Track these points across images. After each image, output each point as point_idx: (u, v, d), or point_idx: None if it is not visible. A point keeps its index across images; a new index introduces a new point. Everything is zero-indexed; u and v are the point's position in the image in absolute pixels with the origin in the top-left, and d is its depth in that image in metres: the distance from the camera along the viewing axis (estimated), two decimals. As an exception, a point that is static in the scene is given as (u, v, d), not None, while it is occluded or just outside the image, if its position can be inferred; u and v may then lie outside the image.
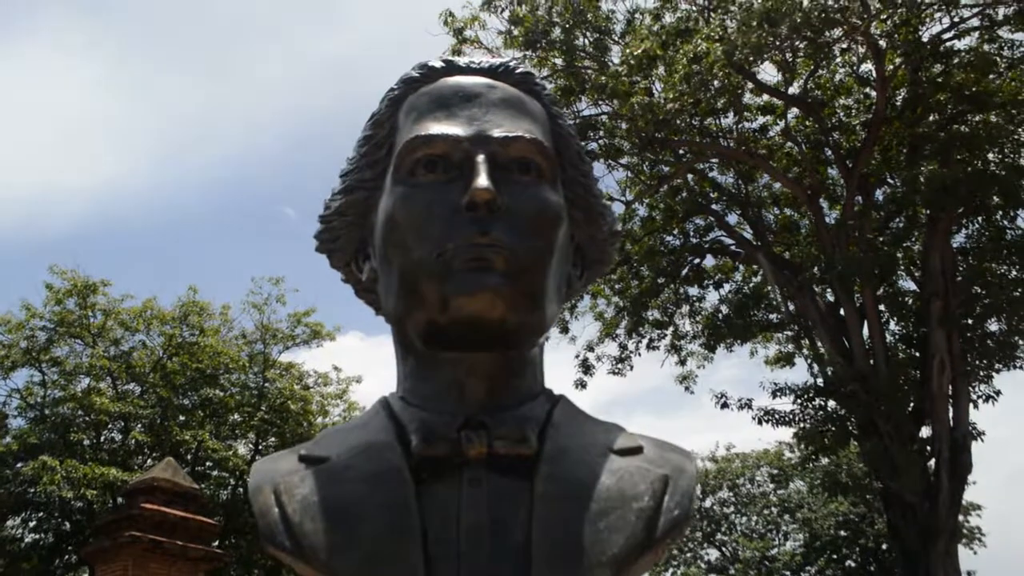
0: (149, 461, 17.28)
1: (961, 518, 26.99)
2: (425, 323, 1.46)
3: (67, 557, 18.51)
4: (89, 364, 18.43)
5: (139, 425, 17.97)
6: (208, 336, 18.82)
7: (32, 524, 18.65)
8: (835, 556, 32.94)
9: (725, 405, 13.28)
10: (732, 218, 14.72)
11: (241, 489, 18.43)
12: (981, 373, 13.29)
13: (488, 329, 1.44)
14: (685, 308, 15.32)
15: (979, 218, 13.26)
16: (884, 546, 31.26)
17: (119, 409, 17.05)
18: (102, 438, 18.33)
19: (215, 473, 18.43)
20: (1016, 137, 12.56)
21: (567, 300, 1.76)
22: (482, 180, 1.42)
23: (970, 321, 13.17)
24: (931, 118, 12.89)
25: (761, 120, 14.45)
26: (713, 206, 14.62)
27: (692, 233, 14.92)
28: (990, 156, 12.68)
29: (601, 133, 13.73)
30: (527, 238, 1.47)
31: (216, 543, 12.66)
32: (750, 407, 13.08)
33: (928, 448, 12.37)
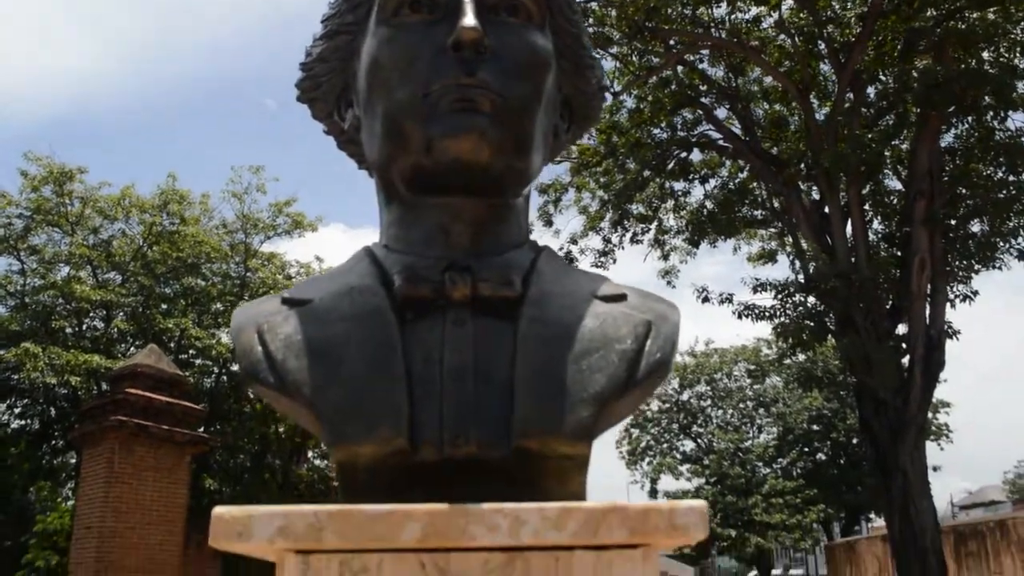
0: (132, 349, 17.35)
1: (931, 415, 27.83)
2: (410, 167, 1.44)
3: (54, 442, 18.78)
4: (68, 252, 18.28)
5: (121, 313, 17.97)
6: (189, 225, 18.65)
7: (17, 411, 18.83)
8: (807, 449, 34.07)
9: (706, 299, 13.38)
10: (721, 112, 14.53)
11: (225, 377, 18.61)
12: (960, 273, 13.43)
13: (473, 172, 1.41)
14: (670, 203, 15.27)
15: (969, 118, 13.11)
16: (854, 440, 32.31)
17: (100, 297, 17.00)
18: (84, 326, 18.34)
19: (198, 361, 18.55)
20: (1012, 36, 12.31)
21: (553, 155, 1.74)
22: (468, 19, 1.38)
23: (953, 221, 13.21)
24: (928, 13, 12.58)
25: (754, 11, 14.05)
26: (702, 99, 14.36)
27: (680, 126, 14.69)
28: (985, 55, 12.45)
29: (591, 21, 13.34)
30: (515, 81, 1.43)
31: (201, 429, 12.83)
32: (731, 302, 13.19)
33: (903, 345, 12.59)
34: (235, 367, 18.81)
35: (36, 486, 19.37)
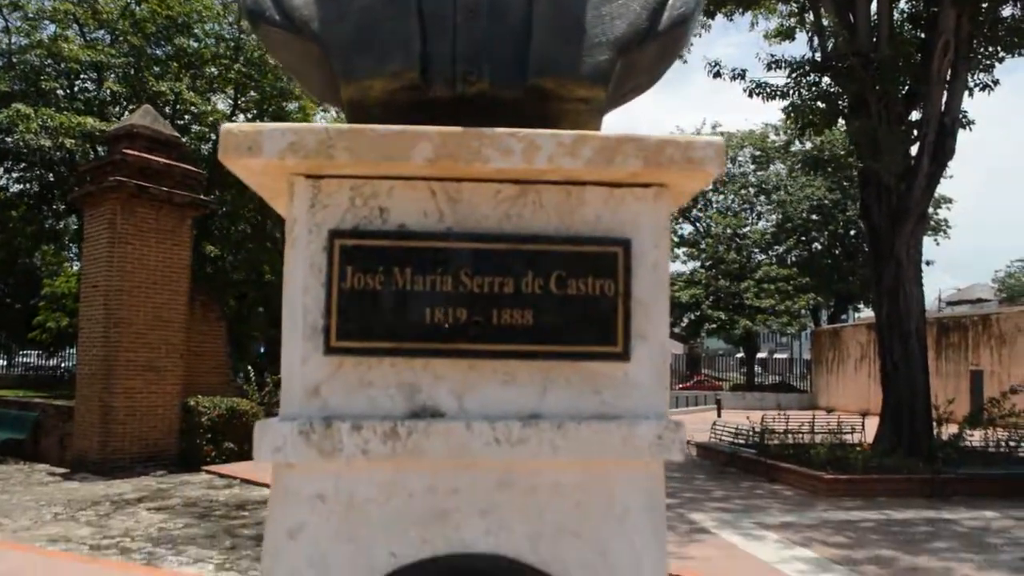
0: (126, 113, 17.05)
1: (932, 210, 27.89)
2: None
3: (54, 206, 18.90)
4: (52, 8, 17.49)
5: (112, 75, 17.47)
6: (177, -20, 17.74)
7: (15, 175, 18.79)
8: (804, 238, 34.53)
9: (718, 75, 12.91)
10: None
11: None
12: (984, 61, 12.94)
13: None
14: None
15: None
16: (852, 232, 32.65)
17: (90, 57, 16.45)
18: (75, 88, 17.90)
19: (195, 128, 18.26)
20: None
21: None
22: None
23: (984, 5, 12.57)
24: None
25: None
26: None
27: None
28: None
29: None
30: None
31: (202, 194, 12.83)
32: (743, 78, 12.76)
33: (915, 132, 12.36)
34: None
35: (41, 250, 19.73)
